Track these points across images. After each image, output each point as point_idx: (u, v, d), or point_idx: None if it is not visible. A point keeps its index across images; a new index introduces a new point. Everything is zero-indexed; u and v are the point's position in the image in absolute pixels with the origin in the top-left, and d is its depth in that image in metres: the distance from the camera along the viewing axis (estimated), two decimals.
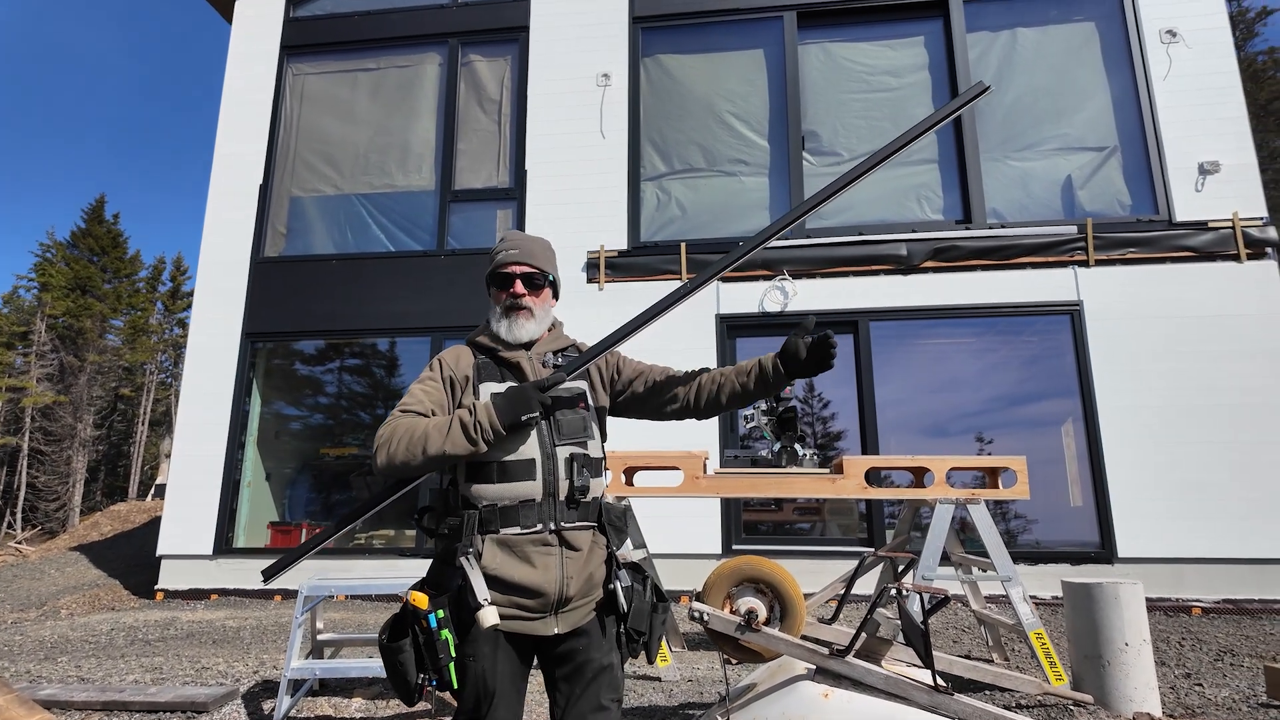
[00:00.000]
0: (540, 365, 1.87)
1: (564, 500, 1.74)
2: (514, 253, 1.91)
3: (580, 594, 1.74)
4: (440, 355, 1.91)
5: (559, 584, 1.70)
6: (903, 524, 4.81)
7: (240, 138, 8.68)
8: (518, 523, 1.70)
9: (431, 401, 1.80)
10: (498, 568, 1.68)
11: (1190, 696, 3.86)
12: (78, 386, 36.72)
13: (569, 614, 1.73)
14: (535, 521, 1.71)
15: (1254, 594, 6.25)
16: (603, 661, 1.74)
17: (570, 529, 1.74)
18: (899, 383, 7.31)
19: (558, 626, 1.71)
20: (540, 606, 1.69)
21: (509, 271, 1.90)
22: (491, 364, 1.87)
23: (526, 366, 1.85)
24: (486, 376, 1.84)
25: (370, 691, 3.99)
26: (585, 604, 1.76)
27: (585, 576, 1.75)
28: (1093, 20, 7.73)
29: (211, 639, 5.64)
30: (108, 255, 43.60)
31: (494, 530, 1.70)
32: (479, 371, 1.85)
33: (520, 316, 1.88)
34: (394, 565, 7.32)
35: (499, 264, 1.92)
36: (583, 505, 1.77)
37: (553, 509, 1.73)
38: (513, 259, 1.90)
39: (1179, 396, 6.64)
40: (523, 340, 1.88)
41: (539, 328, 1.91)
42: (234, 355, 8.03)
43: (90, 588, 8.61)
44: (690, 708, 3.72)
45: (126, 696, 3.86)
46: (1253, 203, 6.94)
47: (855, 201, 7.72)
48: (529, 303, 1.90)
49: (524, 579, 1.68)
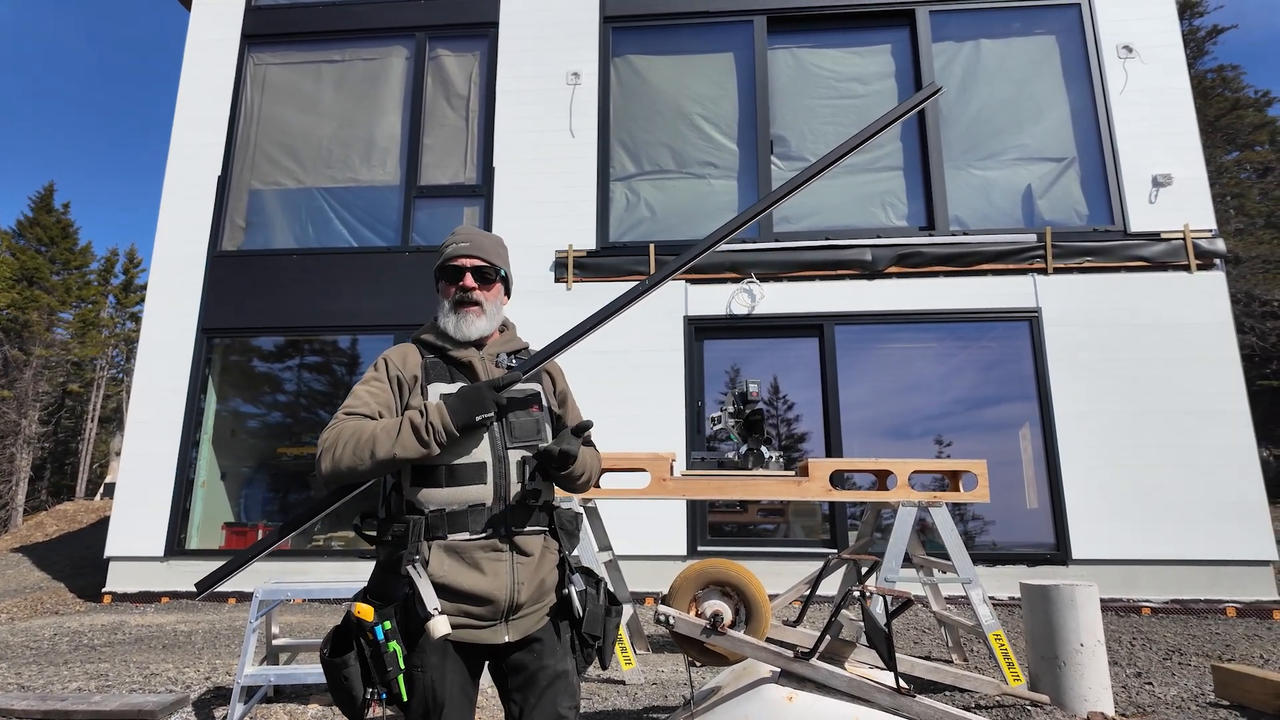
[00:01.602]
0: (493, 365, 1.81)
1: (515, 505, 1.69)
2: (464, 245, 1.84)
3: (532, 600, 1.70)
4: (385, 354, 1.81)
5: (510, 590, 1.65)
6: (866, 526, 4.86)
7: (198, 128, 8.43)
8: (467, 528, 1.65)
9: (378, 403, 1.71)
10: (445, 575, 1.62)
11: (1141, 695, 3.96)
12: (23, 381, 35.41)
13: (520, 621, 1.68)
14: (485, 527, 1.66)
15: (1201, 594, 6.45)
16: (557, 668, 1.69)
17: (522, 534, 1.69)
18: (862, 386, 7.40)
19: (508, 634, 1.67)
20: (490, 614, 1.65)
21: (459, 264, 1.83)
22: (440, 363, 1.79)
23: (479, 366, 1.79)
24: (436, 376, 1.76)
25: (326, 698, 3.89)
26: (537, 610, 1.72)
27: (537, 582, 1.70)
28: (1054, 34, 7.91)
29: (161, 644, 5.46)
30: (57, 246, 42.06)
31: (441, 536, 1.65)
32: (427, 371, 1.76)
33: (470, 312, 1.80)
34: (353, 568, 7.17)
35: (448, 257, 1.84)
36: (534, 510, 1.71)
37: (504, 514, 1.68)
38: (463, 251, 1.83)
39: (1132, 402, 6.83)
40: (472, 338, 1.81)
41: (490, 325, 1.84)
42: (189, 351, 7.80)
43: (33, 590, 8.28)
44: (655, 711, 3.70)
45: (69, 705, 3.71)
46: (1203, 215, 7.18)
47: (821, 206, 7.80)
48: (479, 297, 1.82)
49: (473, 586, 1.63)
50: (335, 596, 5.26)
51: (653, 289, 1.93)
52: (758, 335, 7.62)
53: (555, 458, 1.64)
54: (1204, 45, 27.26)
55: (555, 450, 1.63)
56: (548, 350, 1.81)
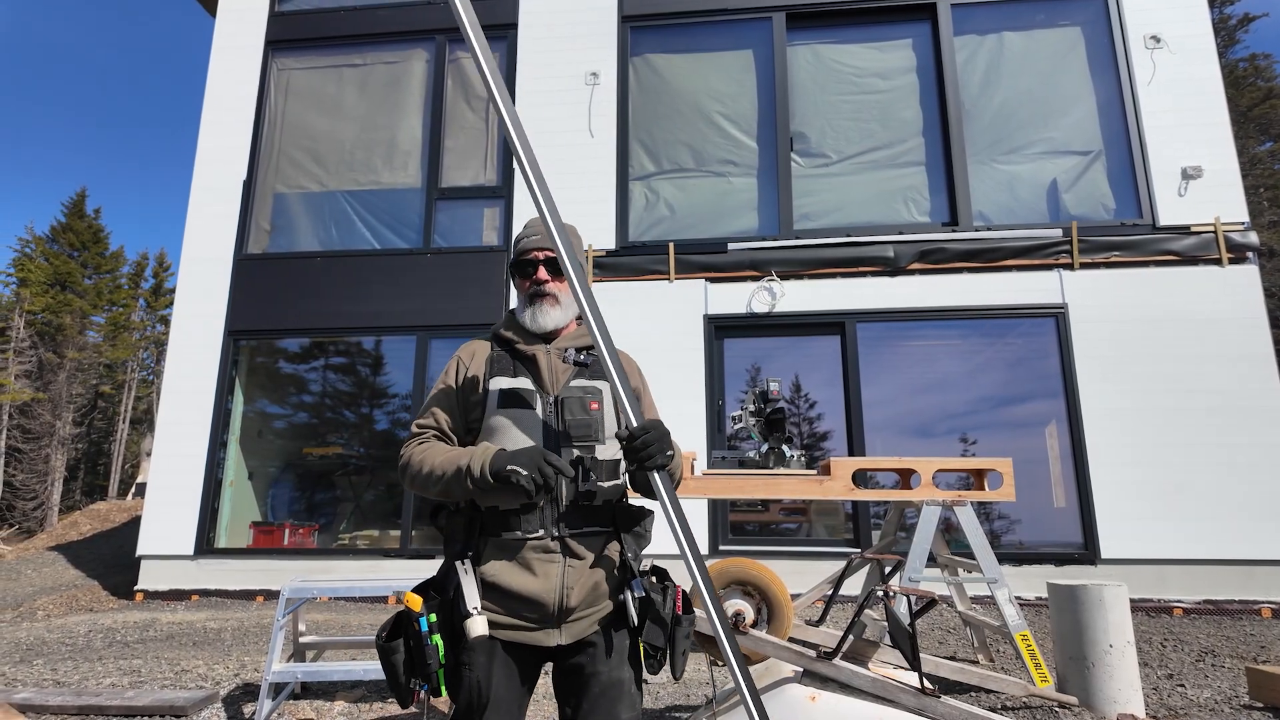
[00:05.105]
0: (559, 360, 1.78)
1: (569, 505, 1.66)
2: (536, 238, 1.84)
3: (584, 604, 1.65)
4: (458, 351, 1.84)
5: (558, 594, 1.62)
6: (889, 525, 4.82)
7: (224, 133, 8.57)
8: (519, 527, 1.63)
9: (445, 412, 1.76)
10: (496, 574, 1.62)
11: (1173, 698, 3.89)
12: (57, 383, 36.21)
13: (573, 625, 1.64)
14: (537, 527, 1.63)
15: (1235, 595, 6.31)
16: (611, 676, 1.64)
17: (575, 535, 1.66)
18: (885, 384, 7.33)
19: (561, 638, 1.63)
20: (539, 617, 1.62)
21: (532, 258, 1.82)
22: (506, 357, 1.78)
23: (543, 360, 1.77)
24: (499, 370, 1.76)
25: (353, 695, 3.94)
26: (590, 615, 1.67)
27: (590, 586, 1.66)
28: (1078, 25, 7.78)
29: (192, 641, 5.57)
30: (88, 251, 42.99)
31: (495, 534, 1.64)
32: (492, 365, 1.77)
33: (545, 304, 1.80)
34: (378, 566, 7.26)
35: (521, 251, 1.84)
36: (590, 510, 1.68)
37: (556, 514, 1.64)
38: (535, 244, 1.83)
39: (1162, 399, 6.70)
40: (547, 328, 1.79)
41: (565, 316, 1.82)
42: (216, 353, 7.93)
43: (68, 588, 8.48)
44: (677, 710, 3.70)
45: (103, 700, 3.79)
46: (1234, 207, 7.02)
47: (843, 203, 7.75)
48: (553, 289, 1.81)
49: (522, 587, 1.61)
50: (360, 595, 5.33)
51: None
52: (779, 333, 7.59)
53: (624, 439, 1.60)
54: (1235, 34, 26.68)
55: (623, 433, 1.60)
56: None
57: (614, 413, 1.76)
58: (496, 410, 1.71)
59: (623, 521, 1.74)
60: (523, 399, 1.71)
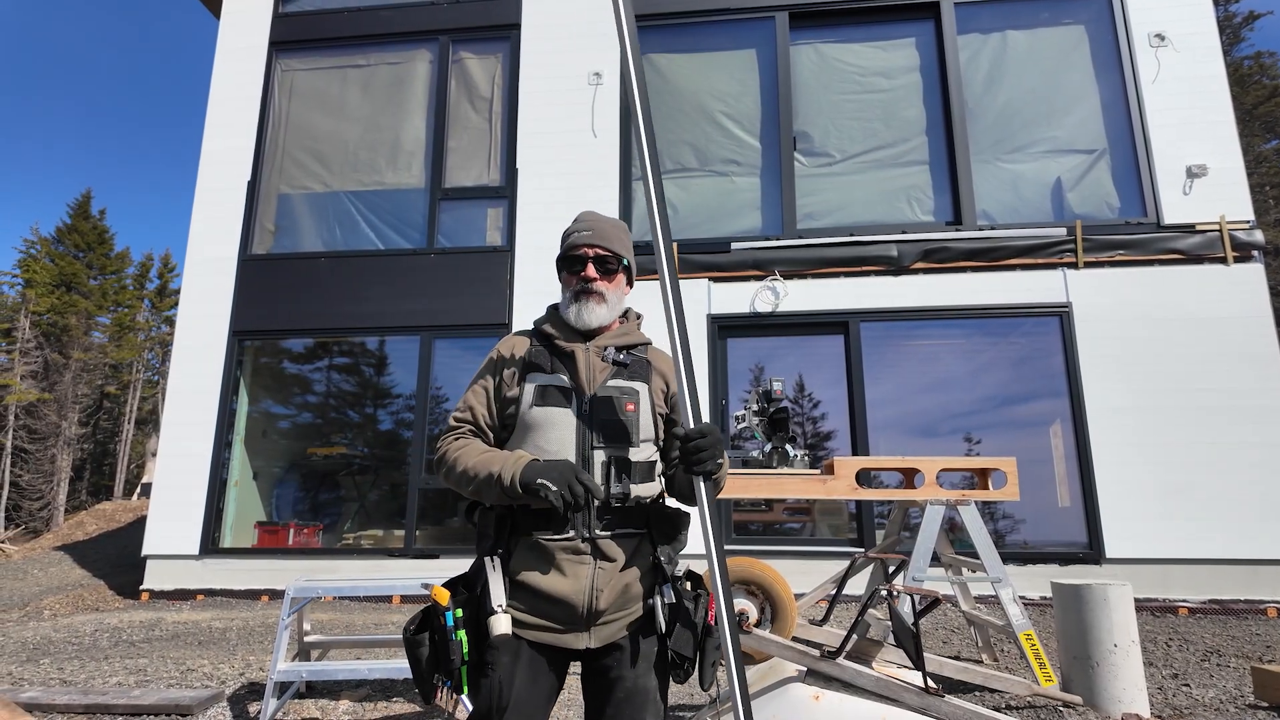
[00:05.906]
0: (599, 359, 1.76)
1: (600, 507, 1.63)
2: (587, 234, 1.81)
3: (614, 608, 1.63)
4: (498, 344, 1.82)
5: (588, 596, 1.59)
6: (893, 525, 4.82)
7: (228, 134, 8.59)
8: (549, 527, 1.61)
9: (481, 405, 1.74)
10: (525, 573, 1.61)
11: (1178, 697, 3.88)
12: (62, 384, 36.34)
13: (602, 628, 1.62)
14: (567, 528, 1.62)
15: (1240, 594, 6.29)
16: (637, 682, 1.61)
17: (606, 537, 1.63)
18: (889, 383, 7.32)
19: (590, 641, 1.61)
20: (568, 618, 1.60)
21: (581, 254, 1.80)
22: (544, 352, 1.76)
23: (581, 357, 1.75)
24: (535, 366, 1.74)
25: (358, 694, 3.95)
26: (620, 618, 1.64)
27: (619, 589, 1.63)
28: (1082, 23, 7.76)
29: (197, 640, 5.58)
30: (94, 251, 43.13)
31: (527, 533, 1.63)
32: (529, 360, 1.75)
33: (591, 301, 1.77)
34: (382, 566, 7.27)
35: (570, 246, 1.82)
36: (623, 512, 1.66)
37: (587, 515, 1.62)
38: (585, 240, 1.80)
39: (1167, 398, 6.68)
40: (591, 326, 1.77)
41: (610, 314, 1.81)
42: (221, 353, 7.95)
43: (74, 588, 8.51)
44: (680, 709, 3.71)
45: (110, 699, 3.81)
46: (1239, 206, 6.99)
47: (846, 202, 7.74)
48: (600, 287, 1.79)
49: (551, 588, 1.59)
50: (365, 594, 5.35)
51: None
52: (782, 333, 7.58)
53: (681, 439, 1.60)
54: (1239, 32, 26.58)
55: (679, 432, 1.61)
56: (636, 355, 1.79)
57: (651, 415, 1.75)
58: (532, 406, 1.69)
59: (657, 524, 1.72)
60: (558, 396, 1.70)
